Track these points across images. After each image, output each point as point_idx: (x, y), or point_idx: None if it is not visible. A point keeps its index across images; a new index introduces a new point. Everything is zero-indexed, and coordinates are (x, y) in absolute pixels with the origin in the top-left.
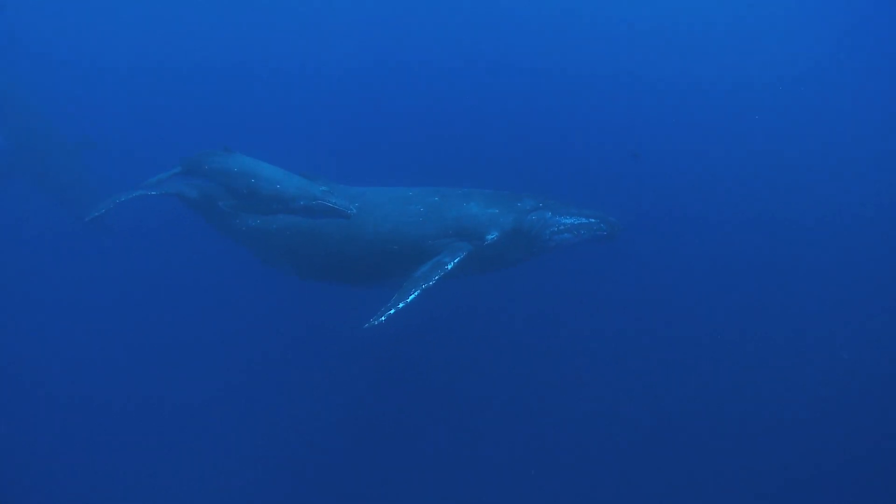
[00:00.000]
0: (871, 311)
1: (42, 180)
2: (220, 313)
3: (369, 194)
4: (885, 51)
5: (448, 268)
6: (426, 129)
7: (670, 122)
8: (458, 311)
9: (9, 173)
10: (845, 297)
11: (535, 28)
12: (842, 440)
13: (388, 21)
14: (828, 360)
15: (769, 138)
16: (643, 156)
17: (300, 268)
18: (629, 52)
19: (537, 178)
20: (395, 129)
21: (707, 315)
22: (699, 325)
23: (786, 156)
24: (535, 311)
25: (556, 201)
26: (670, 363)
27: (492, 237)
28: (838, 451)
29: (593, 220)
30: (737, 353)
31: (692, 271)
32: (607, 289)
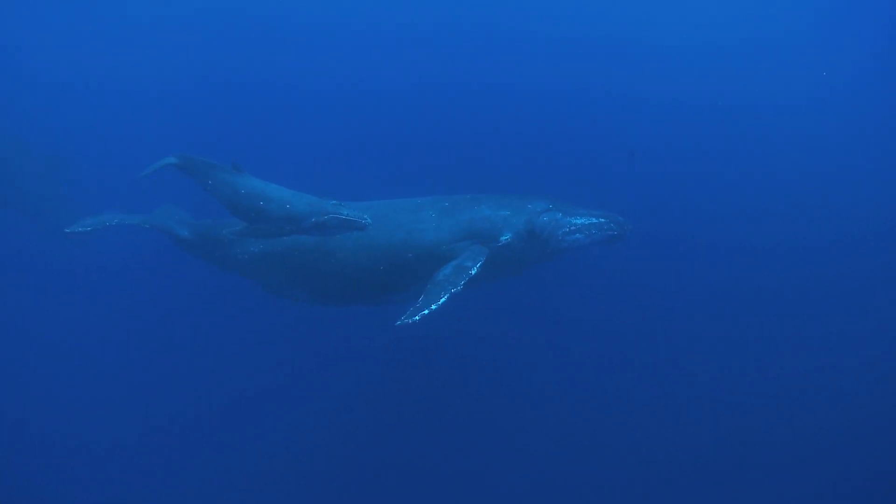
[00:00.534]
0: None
1: (11, 197)
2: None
3: (377, 207)
4: None
5: (472, 273)
6: (426, 139)
7: (678, 134)
8: (466, 317)
9: None
10: (858, 306)
11: (543, 39)
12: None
13: (389, 32)
14: (837, 363)
15: (781, 150)
16: (641, 157)
17: (312, 289)
18: (642, 66)
19: (541, 185)
20: (392, 140)
21: (711, 316)
22: (703, 327)
23: (800, 166)
24: (539, 317)
25: (565, 203)
26: (674, 365)
27: (506, 238)
28: (849, 459)
29: (603, 221)
30: (743, 354)
31: (697, 275)
32: (612, 292)
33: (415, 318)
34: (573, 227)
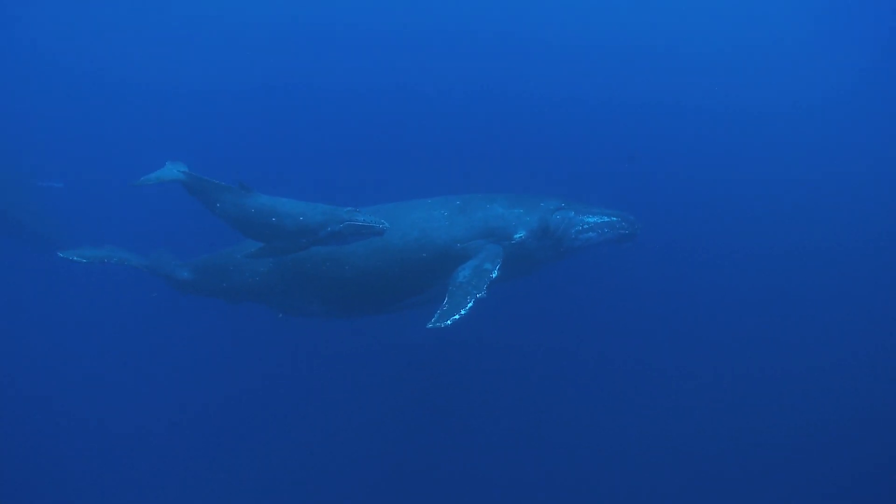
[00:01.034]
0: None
1: None
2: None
3: (386, 209)
4: None
5: (493, 276)
6: (431, 143)
7: (681, 136)
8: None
9: None
10: (862, 307)
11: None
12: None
13: (398, 35)
14: (843, 364)
15: (787, 152)
16: (642, 160)
17: (328, 300)
18: (648, 69)
19: (544, 186)
20: (394, 143)
21: (713, 318)
22: (705, 328)
23: (806, 169)
24: (543, 318)
25: (577, 202)
26: (677, 366)
27: (519, 236)
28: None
29: (615, 220)
30: (750, 355)
31: (699, 276)
32: (614, 294)
33: (446, 323)
34: (586, 226)
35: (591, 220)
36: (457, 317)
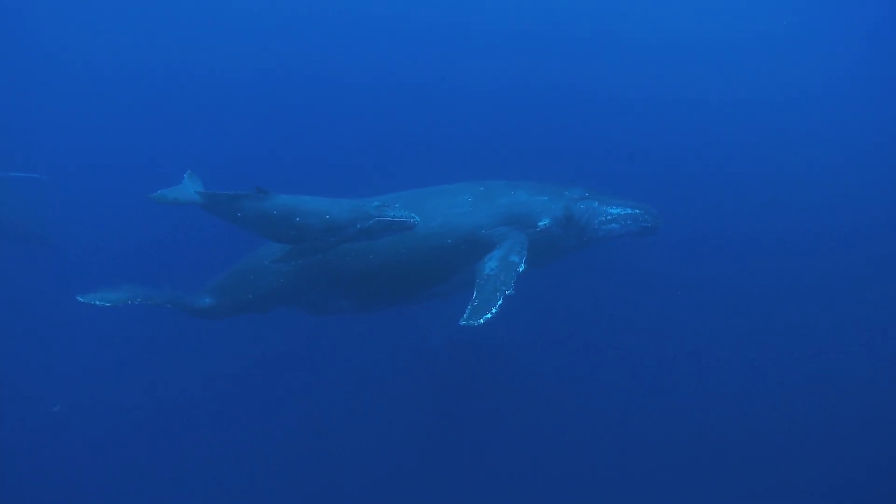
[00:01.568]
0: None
1: None
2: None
3: (407, 196)
4: None
5: (521, 269)
6: (438, 135)
7: (685, 131)
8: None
9: None
10: (867, 302)
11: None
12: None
13: (403, 27)
14: (848, 361)
15: (791, 147)
16: (640, 157)
17: (355, 294)
18: (656, 65)
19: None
20: (402, 136)
21: (715, 314)
22: (707, 324)
23: (810, 163)
24: (548, 315)
25: (600, 192)
26: (681, 363)
27: (544, 223)
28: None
29: (639, 212)
30: (757, 351)
31: (703, 272)
32: (617, 290)
33: (479, 322)
34: (609, 217)
35: (615, 211)
36: (489, 315)
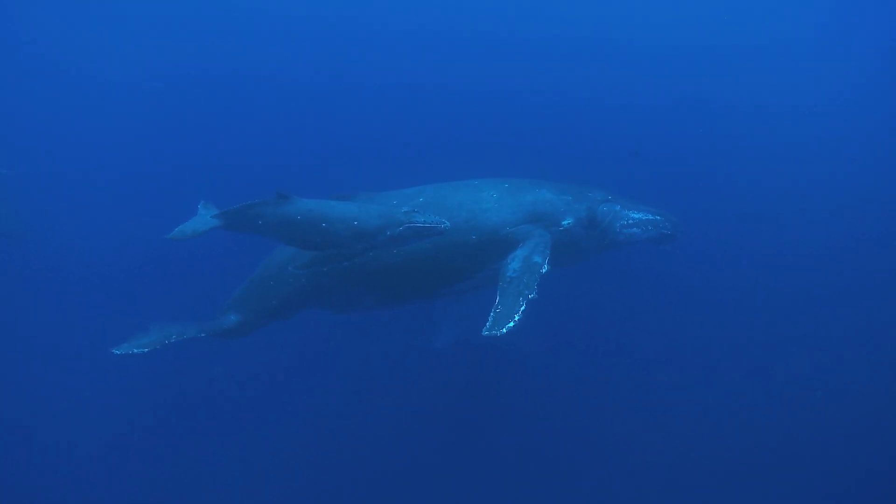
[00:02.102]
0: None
1: None
2: None
3: (430, 189)
4: None
5: (543, 270)
6: (444, 136)
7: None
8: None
9: None
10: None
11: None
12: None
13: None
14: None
15: (796, 153)
16: (644, 157)
17: (379, 290)
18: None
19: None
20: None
21: (717, 317)
22: (708, 328)
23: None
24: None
25: (622, 196)
26: (684, 366)
27: (567, 223)
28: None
29: (660, 219)
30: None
31: (707, 277)
32: (621, 293)
33: (502, 331)
34: (631, 221)
35: (637, 216)
36: (511, 324)
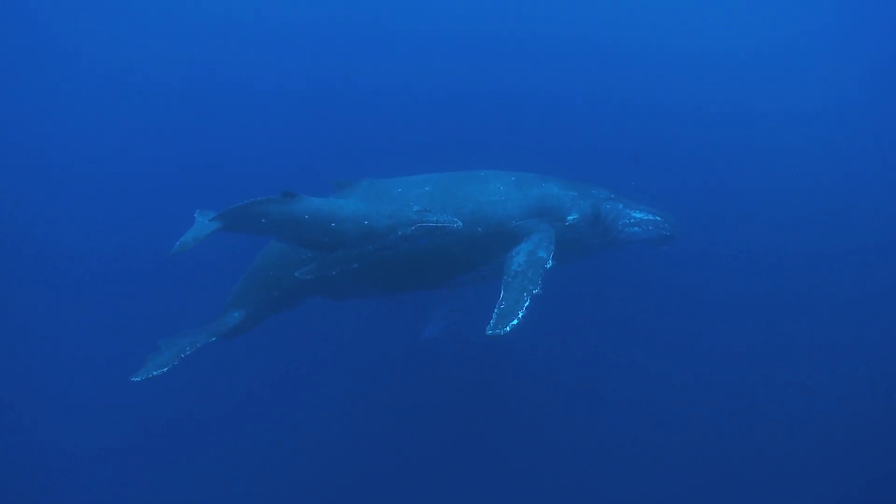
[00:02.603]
0: None
1: None
2: None
3: (435, 178)
4: None
5: (548, 266)
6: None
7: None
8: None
9: None
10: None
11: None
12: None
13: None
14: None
15: (799, 156)
16: (646, 159)
17: (382, 281)
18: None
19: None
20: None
21: (717, 321)
22: (708, 331)
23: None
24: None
25: (624, 196)
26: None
27: (572, 218)
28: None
29: (660, 219)
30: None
31: (710, 280)
32: (620, 296)
33: (505, 330)
34: (633, 220)
35: (638, 215)
36: (515, 322)
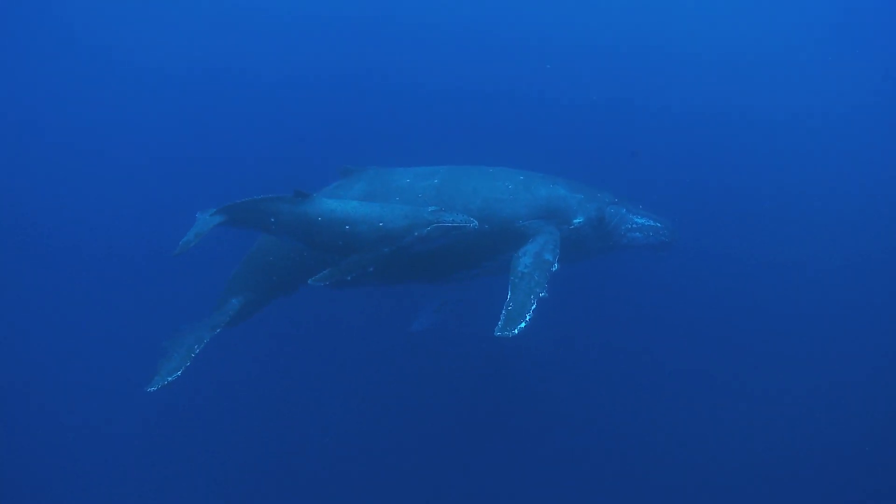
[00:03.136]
0: None
1: None
2: None
3: (443, 171)
4: None
5: (554, 269)
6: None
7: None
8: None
9: None
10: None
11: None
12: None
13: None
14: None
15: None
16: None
17: (386, 273)
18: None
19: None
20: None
21: (718, 323)
22: (709, 332)
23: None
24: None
25: (627, 200)
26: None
27: (578, 221)
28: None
29: (660, 225)
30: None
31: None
32: (619, 297)
33: (513, 332)
34: (634, 225)
35: (640, 220)
36: (522, 325)
